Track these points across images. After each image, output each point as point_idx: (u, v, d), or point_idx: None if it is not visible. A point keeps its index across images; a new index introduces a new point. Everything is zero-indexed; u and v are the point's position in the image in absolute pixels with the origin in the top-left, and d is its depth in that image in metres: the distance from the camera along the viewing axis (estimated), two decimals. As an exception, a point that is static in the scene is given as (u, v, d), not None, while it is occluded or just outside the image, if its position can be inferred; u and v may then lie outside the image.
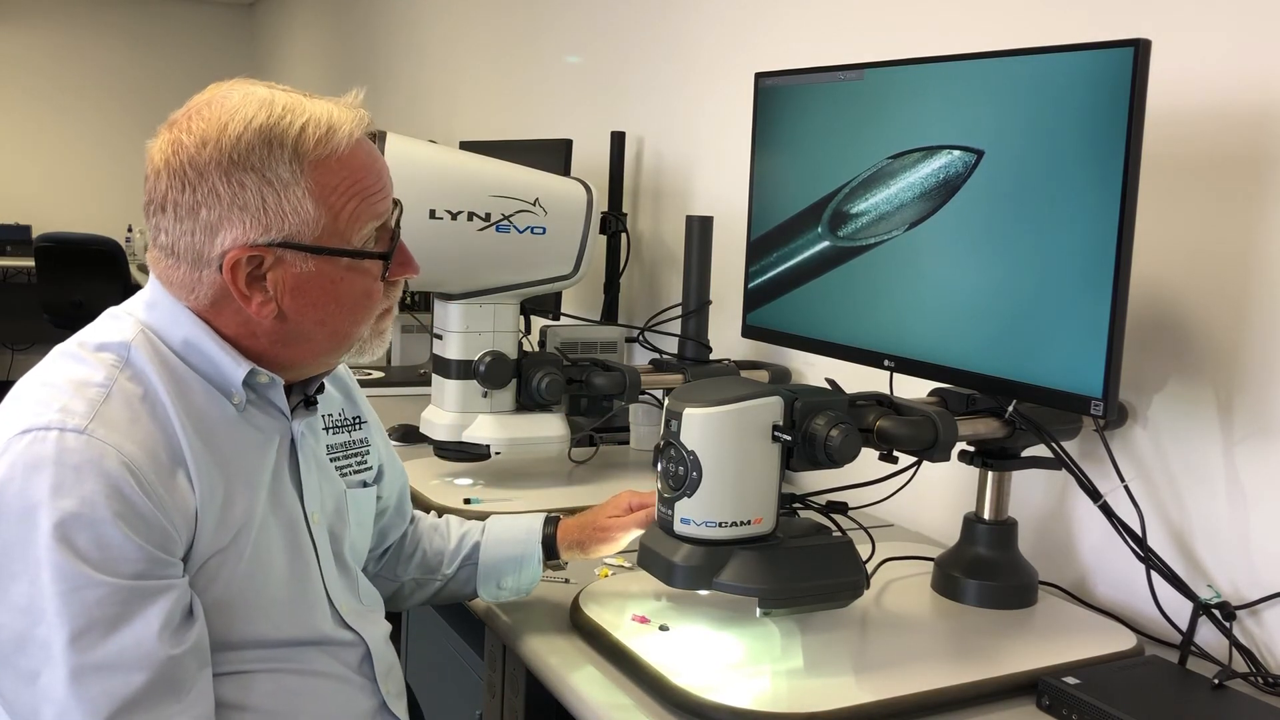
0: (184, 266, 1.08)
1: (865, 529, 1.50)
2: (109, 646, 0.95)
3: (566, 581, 1.50)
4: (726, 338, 2.15)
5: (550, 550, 1.40)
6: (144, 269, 6.41)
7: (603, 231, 2.21)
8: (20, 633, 0.95)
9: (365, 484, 1.31)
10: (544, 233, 1.79)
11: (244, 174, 1.04)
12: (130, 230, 7.17)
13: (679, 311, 2.09)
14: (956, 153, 1.38)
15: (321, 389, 1.23)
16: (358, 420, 1.33)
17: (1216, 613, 1.32)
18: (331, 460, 1.26)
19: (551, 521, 1.42)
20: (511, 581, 1.41)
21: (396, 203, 1.16)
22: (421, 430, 1.89)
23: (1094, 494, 1.39)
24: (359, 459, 1.31)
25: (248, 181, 1.04)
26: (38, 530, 0.94)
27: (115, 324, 1.10)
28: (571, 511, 1.75)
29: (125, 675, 0.95)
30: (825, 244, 1.58)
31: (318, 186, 1.06)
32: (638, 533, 1.38)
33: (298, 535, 1.16)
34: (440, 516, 1.50)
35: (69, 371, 1.04)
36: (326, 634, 1.17)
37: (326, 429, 1.27)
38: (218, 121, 1.05)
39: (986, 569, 1.45)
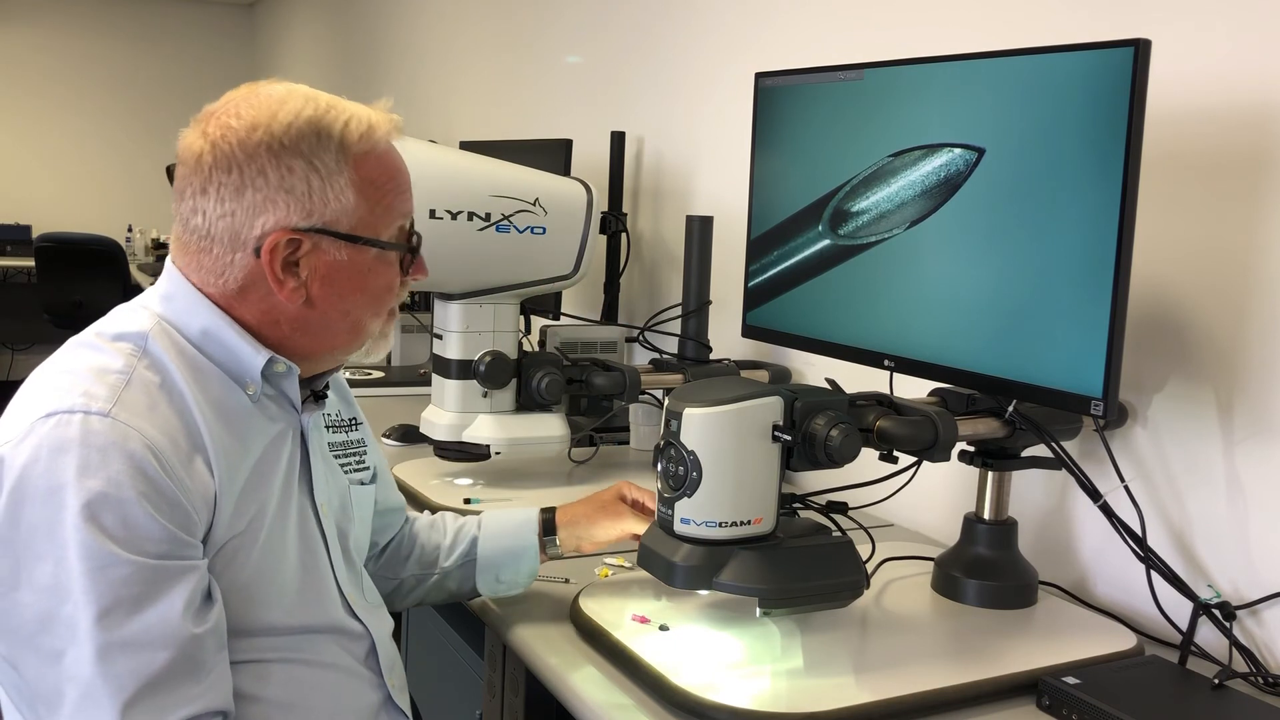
0: (218, 249, 1.09)
1: (865, 529, 1.50)
2: (135, 624, 0.96)
3: (566, 581, 1.50)
4: (726, 338, 2.15)
5: (549, 530, 1.43)
6: (144, 269, 6.41)
7: (603, 231, 2.21)
8: (45, 612, 0.96)
9: (364, 483, 1.33)
10: (544, 233, 1.79)
11: (293, 159, 1.07)
12: (130, 230, 7.17)
13: (679, 311, 2.09)
14: (957, 151, 1.38)
15: (327, 386, 1.25)
16: (354, 421, 1.36)
17: (1216, 613, 1.32)
18: (333, 457, 1.28)
19: (547, 510, 1.45)
20: (509, 575, 1.42)
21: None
22: (421, 430, 1.89)
23: (1094, 494, 1.39)
24: (357, 458, 1.33)
25: (296, 166, 1.07)
26: (65, 510, 0.95)
27: (131, 315, 1.12)
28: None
29: (151, 653, 0.96)
30: (826, 243, 1.58)
31: (359, 178, 1.10)
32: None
33: (308, 526, 1.18)
34: (436, 514, 1.51)
35: (88, 359, 1.06)
36: (337, 621, 1.19)
37: (328, 427, 1.29)
38: (267, 109, 1.08)
39: (986, 569, 1.45)
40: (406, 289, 1.22)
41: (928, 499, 1.74)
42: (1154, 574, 1.39)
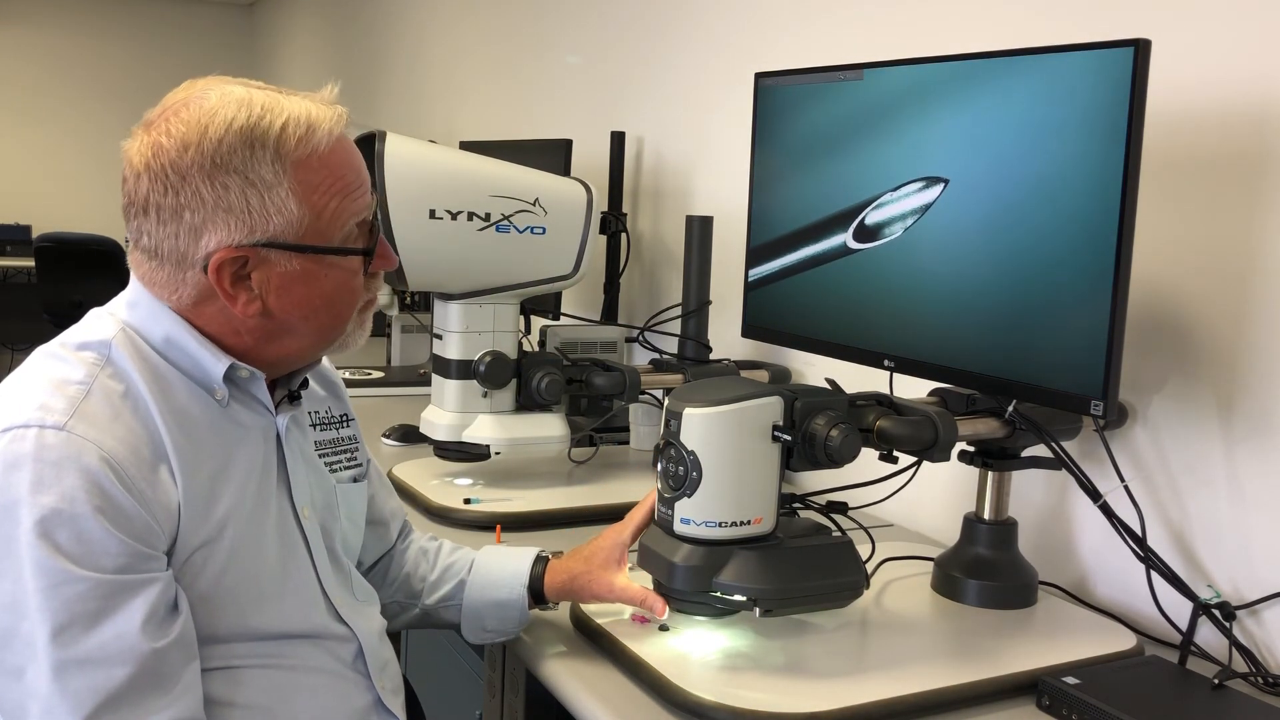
0: (167, 268, 1.08)
1: (865, 529, 1.50)
2: (91, 641, 0.95)
3: (566, 581, 1.50)
4: (726, 338, 2.15)
5: (538, 595, 1.35)
6: (144, 269, 6.39)
7: (603, 231, 2.21)
8: (5, 629, 0.96)
9: (355, 480, 1.31)
10: (544, 233, 1.79)
11: (227, 176, 1.04)
12: (130, 230, 7.16)
13: (679, 311, 2.09)
14: (958, 150, 1.38)
15: (305, 384, 1.23)
16: (345, 418, 1.33)
17: (1216, 613, 1.32)
18: (320, 456, 1.26)
19: (541, 562, 1.36)
20: (495, 624, 1.35)
21: (374, 196, 1.16)
22: (421, 430, 1.89)
23: (1094, 494, 1.39)
24: (348, 455, 1.31)
25: (231, 183, 1.04)
26: (19, 527, 0.95)
27: (97, 323, 1.11)
28: (570, 514, 1.76)
29: (108, 669, 0.96)
30: (828, 245, 1.58)
31: (301, 186, 1.07)
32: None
33: (288, 529, 1.16)
34: (434, 541, 1.45)
35: (50, 370, 1.05)
36: (319, 627, 1.17)
37: (314, 425, 1.27)
38: (197, 124, 1.05)
39: (986, 569, 1.45)
40: (378, 280, 1.19)
41: (928, 499, 1.74)
42: (1154, 574, 1.39)
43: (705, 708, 1.14)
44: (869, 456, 1.34)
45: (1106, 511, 1.40)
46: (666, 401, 1.26)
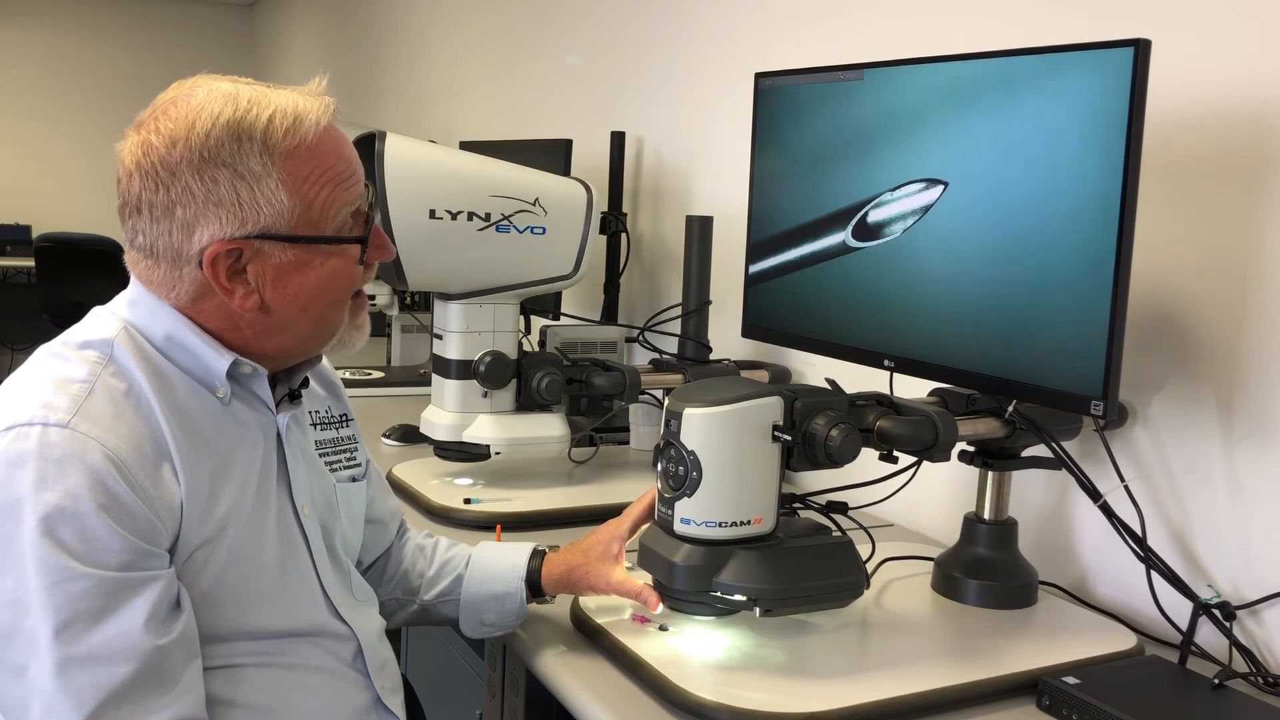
0: (164, 265, 1.09)
1: (865, 529, 1.50)
2: (94, 638, 0.96)
3: (566, 581, 1.50)
4: (726, 338, 2.15)
5: (535, 588, 1.36)
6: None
7: (603, 231, 2.21)
8: (7, 627, 0.96)
9: (355, 479, 1.31)
10: (544, 233, 1.79)
11: (216, 170, 1.05)
12: (130, 230, 7.15)
13: (679, 311, 2.09)
14: (957, 150, 1.38)
15: (306, 383, 1.24)
16: (344, 418, 1.34)
17: (1216, 613, 1.32)
18: (320, 456, 1.26)
19: (538, 555, 1.37)
20: (494, 618, 1.36)
21: (368, 186, 1.17)
22: (421, 430, 1.89)
23: (1094, 494, 1.39)
24: (348, 455, 1.31)
25: (220, 177, 1.05)
26: (22, 524, 0.95)
27: (99, 322, 1.11)
28: (570, 514, 1.76)
29: (111, 667, 0.96)
30: (828, 243, 1.58)
31: (290, 177, 1.07)
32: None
33: (288, 528, 1.16)
34: (430, 538, 1.46)
35: (52, 369, 1.05)
36: (319, 625, 1.17)
37: (314, 425, 1.27)
38: (185, 120, 1.06)
39: (986, 569, 1.45)
40: (372, 271, 1.19)
41: (928, 499, 1.74)
42: (1154, 574, 1.39)
43: (705, 708, 1.14)
44: (869, 456, 1.34)
45: (1106, 511, 1.40)
46: (666, 401, 1.26)
